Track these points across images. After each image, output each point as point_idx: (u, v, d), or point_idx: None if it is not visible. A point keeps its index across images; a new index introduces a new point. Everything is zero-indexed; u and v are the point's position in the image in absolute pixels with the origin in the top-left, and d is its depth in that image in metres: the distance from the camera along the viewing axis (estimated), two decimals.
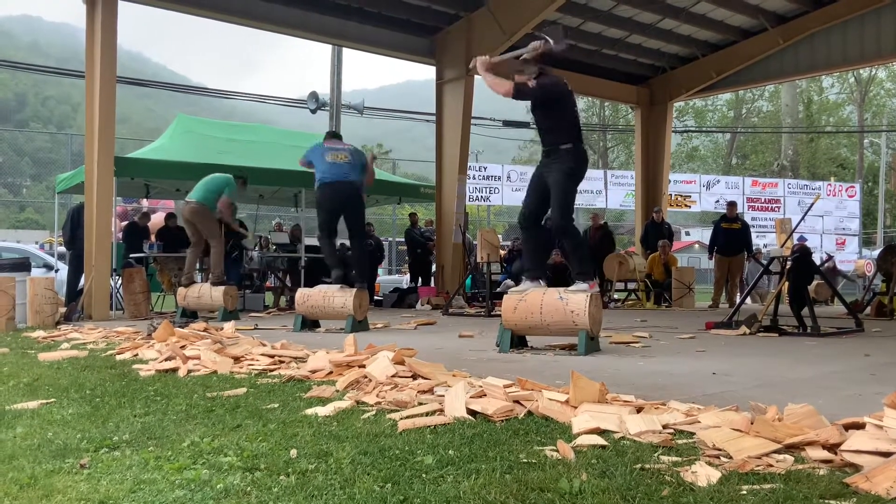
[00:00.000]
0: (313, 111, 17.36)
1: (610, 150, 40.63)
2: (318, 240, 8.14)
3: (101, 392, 3.98)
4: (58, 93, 79.22)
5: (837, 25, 14.09)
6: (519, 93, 5.71)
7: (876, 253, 16.53)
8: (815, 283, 10.00)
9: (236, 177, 9.56)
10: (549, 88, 5.70)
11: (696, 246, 36.47)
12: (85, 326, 8.30)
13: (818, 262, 9.94)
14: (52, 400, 3.79)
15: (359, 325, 7.32)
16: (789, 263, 7.40)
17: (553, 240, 12.73)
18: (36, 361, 5.44)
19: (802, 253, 7.54)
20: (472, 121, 14.32)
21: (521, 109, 38.09)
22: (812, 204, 11.21)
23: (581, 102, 38.43)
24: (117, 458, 2.62)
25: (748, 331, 7.02)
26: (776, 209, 24.57)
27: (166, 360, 4.97)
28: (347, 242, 8.76)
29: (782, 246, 8.04)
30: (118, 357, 5.50)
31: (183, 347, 5.29)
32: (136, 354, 5.53)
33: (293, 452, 2.58)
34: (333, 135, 8.37)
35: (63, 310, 9.70)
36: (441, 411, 3.14)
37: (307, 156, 7.96)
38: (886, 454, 2.28)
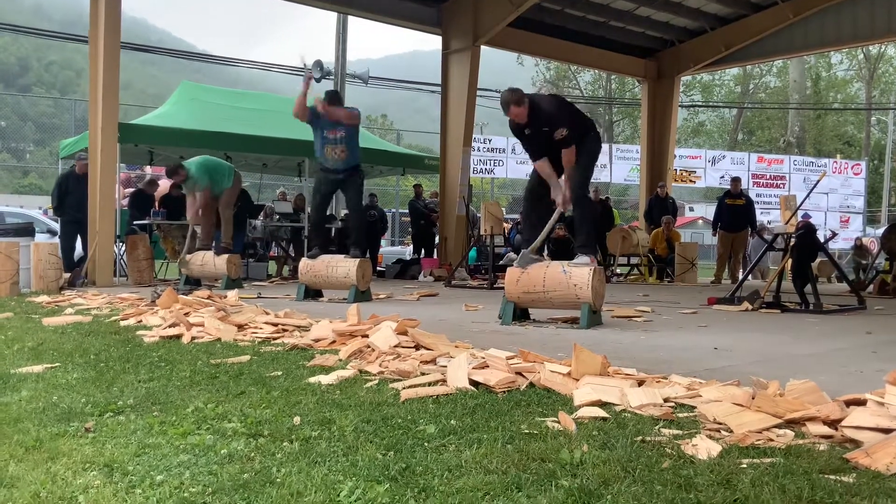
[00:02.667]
0: (318, 80, 17.23)
1: (615, 124, 40.41)
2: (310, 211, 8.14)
3: (105, 357, 4.00)
4: (61, 58, 78.70)
5: (848, 1, 13.93)
6: (570, 141, 5.62)
7: (880, 231, 16.50)
8: (818, 260, 9.99)
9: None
10: (575, 128, 5.62)
11: (700, 221, 36.41)
12: (88, 292, 8.33)
13: (822, 240, 9.93)
14: (57, 364, 3.82)
15: (361, 296, 7.33)
16: (793, 240, 7.39)
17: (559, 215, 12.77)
18: (40, 326, 5.47)
19: (807, 230, 7.52)
20: (478, 92, 14.23)
21: (528, 82, 37.83)
22: (818, 181, 11.19)
23: (587, 75, 38.23)
24: (122, 422, 2.64)
25: (750, 307, 7.03)
26: (781, 186, 24.47)
27: (170, 326, 4.99)
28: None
29: (787, 223, 8.00)
30: (122, 323, 5.53)
31: (187, 314, 5.31)
32: (140, 321, 5.56)
33: (296, 419, 2.60)
34: (333, 99, 7.91)
35: (67, 275, 9.72)
36: (443, 381, 3.16)
37: (310, 117, 7.77)
38: (887, 431, 2.29)
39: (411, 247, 17.35)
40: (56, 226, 12.93)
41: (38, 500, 1.88)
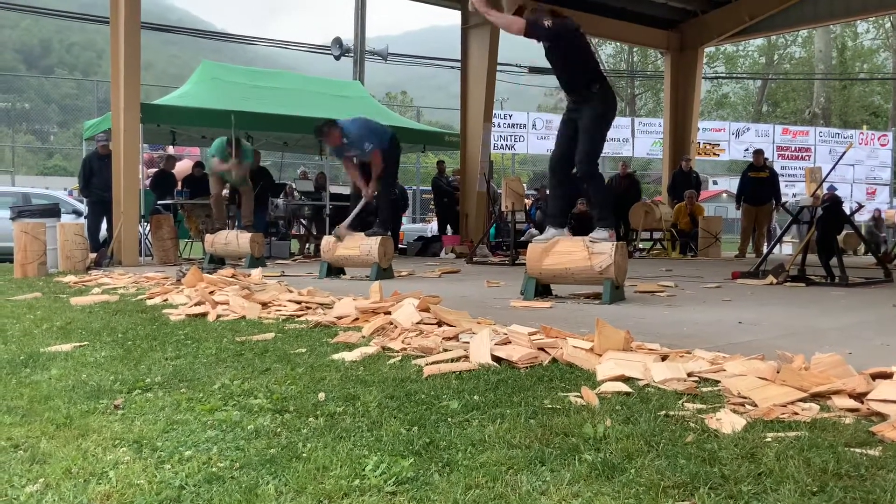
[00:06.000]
0: (337, 57, 17.23)
1: (638, 98, 39.97)
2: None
3: (132, 336, 4.05)
4: (82, 39, 79.15)
5: None
6: (532, 28, 5.38)
7: None
8: (843, 232, 9.88)
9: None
10: (563, 27, 5.45)
11: (724, 195, 36.06)
12: (115, 272, 8.43)
13: (848, 212, 9.80)
14: (86, 343, 3.87)
15: (383, 273, 7.35)
16: (819, 213, 7.30)
17: (579, 189, 12.67)
18: (68, 305, 5.54)
19: (833, 202, 7.43)
20: (498, 67, 14.12)
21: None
22: (844, 152, 11.00)
23: (609, 48, 37.79)
24: (150, 399, 2.68)
25: (775, 280, 6.97)
26: (807, 158, 24.13)
27: (196, 304, 5.04)
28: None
29: (812, 195, 7.91)
30: (148, 302, 5.59)
31: (212, 293, 5.36)
32: (166, 299, 5.62)
33: (321, 395, 2.63)
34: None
35: (93, 255, 9.84)
36: (466, 357, 3.17)
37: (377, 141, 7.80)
38: None
39: (434, 223, 17.35)
40: (81, 206, 13.10)
41: (69, 476, 1.92)
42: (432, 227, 20.02)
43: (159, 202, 11.28)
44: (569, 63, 5.56)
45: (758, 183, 12.80)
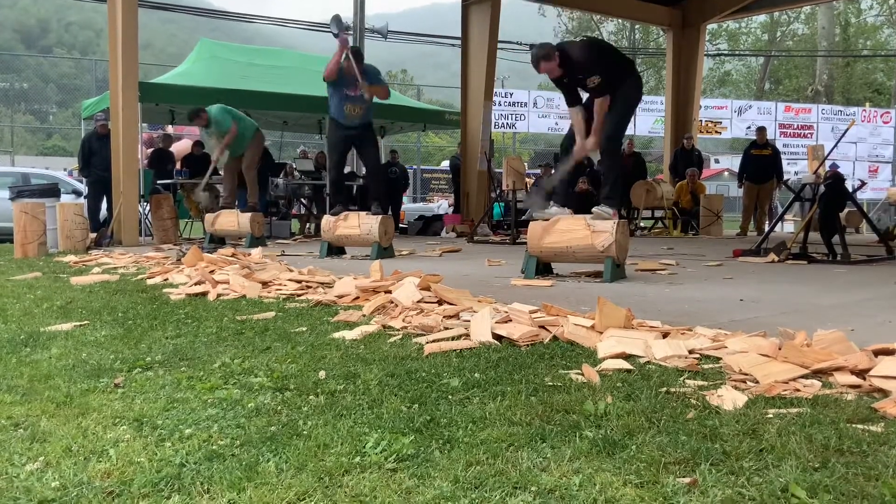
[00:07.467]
0: (336, 35, 17.10)
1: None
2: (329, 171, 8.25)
3: (133, 315, 4.05)
4: (80, 18, 78.66)
5: None
6: (603, 90, 5.48)
7: None
8: (846, 210, 9.85)
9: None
10: (604, 62, 5.47)
11: (726, 174, 35.96)
12: (115, 251, 8.42)
13: (850, 189, 9.73)
14: (86, 322, 3.87)
15: (384, 252, 7.34)
16: (822, 190, 7.27)
17: (580, 168, 12.59)
18: (68, 285, 5.54)
19: (836, 180, 7.40)
20: (499, 45, 14.01)
21: (549, 34, 37.24)
22: (846, 130, 10.92)
23: (610, 25, 37.59)
24: (150, 377, 2.68)
25: (777, 258, 6.96)
26: (809, 135, 24.03)
27: (196, 284, 5.03)
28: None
29: (814, 173, 7.87)
30: (149, 281, 5.58)
31: (212, 272, 5.35)
32: (167, 279, 5.61)
33: (322, 374, 2.62)
34: (360, 58, 7.79)
35: (93, 235, 9.83)
36: (467, 336, 3.16)
37: (328, 79, 7.78)
38: None
39: (441, 203, 17.31)
40: (81, 186, 13.08)
41: (69, 454, 1.92)
42: (442, 205, 20.02)
43: (158, 182, 11.25)
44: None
45: (760, 160, 12.75)
